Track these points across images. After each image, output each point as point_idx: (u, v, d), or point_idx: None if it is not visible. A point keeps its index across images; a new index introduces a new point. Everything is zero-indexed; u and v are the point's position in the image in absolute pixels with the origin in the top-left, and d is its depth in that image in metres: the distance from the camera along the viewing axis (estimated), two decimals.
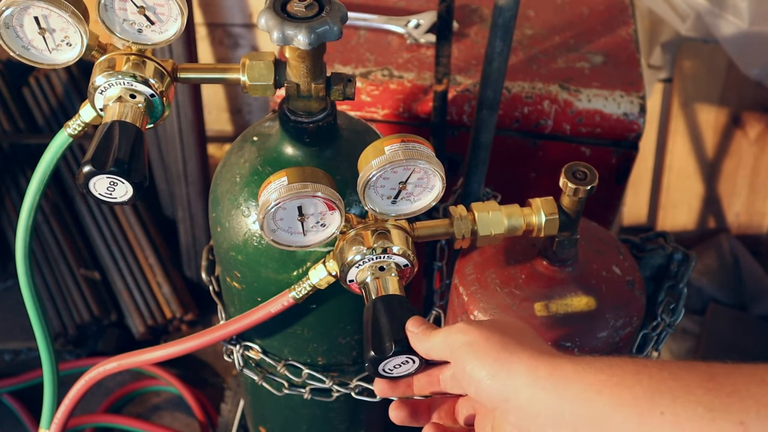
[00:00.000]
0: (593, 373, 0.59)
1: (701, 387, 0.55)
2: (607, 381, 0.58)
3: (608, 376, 0.58)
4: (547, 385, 0.60)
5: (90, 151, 0.74)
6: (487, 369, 0.62)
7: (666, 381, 0.56)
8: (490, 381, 0.62)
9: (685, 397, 0.55)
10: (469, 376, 0.64)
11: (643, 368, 0.58)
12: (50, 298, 1.82)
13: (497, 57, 0.98)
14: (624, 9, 1.39)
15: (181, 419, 1.74)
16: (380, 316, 0.74)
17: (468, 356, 0.64)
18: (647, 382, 0.57)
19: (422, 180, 0.77)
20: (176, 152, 1.75)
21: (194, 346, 0.96)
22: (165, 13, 0.78)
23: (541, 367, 0.61)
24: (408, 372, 0.74)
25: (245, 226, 0.90)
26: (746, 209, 1.96)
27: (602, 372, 0.59)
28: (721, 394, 0.54)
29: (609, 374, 0.58)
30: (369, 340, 0.73)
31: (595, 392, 0.58)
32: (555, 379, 0.60)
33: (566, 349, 0.89)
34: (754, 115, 1.88)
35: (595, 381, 0.58)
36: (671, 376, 0.56)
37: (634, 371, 0.58)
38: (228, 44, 1.99)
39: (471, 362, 0.63)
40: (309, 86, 0.82)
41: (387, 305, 0.75)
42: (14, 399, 1.71)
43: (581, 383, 0.59)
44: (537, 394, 0.60)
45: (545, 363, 0.61)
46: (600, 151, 1.24)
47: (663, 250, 1.04)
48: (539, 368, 0.61)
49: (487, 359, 0.63)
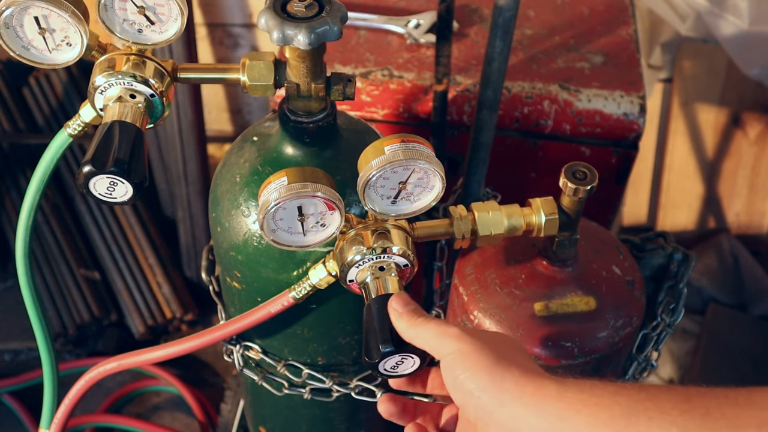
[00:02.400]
0: (574, 393, 0.60)
1: (677, 408, 0.56)
2: (587, 401, 0.59)
3: (588, 396, 0.59)
4: (531, 402, 0.61)
5: (90, 151, 0.74)
6: (477, 382, 0.63)
7: (643, 402, 0.58)
8: (480, 394, 0.63)
9: (661, 418, 0.56)
10: (460, 385, 0.64)
11: (621, 389, 0.59)
12: (50, 298, 1.82)
13: (497, 57, 0.98)
14: (624, 9, 1.39)
15: (181, 419, 1.74)
16: (372, 318, 0.74)
17: (460, 366, 0.65)
18: (625, 402, 0.58)
19: (422, 180, 0.77)
20: (176, 152, 1.75)
21: (194, 346, 0.96)
22: (165, 13, 0.78)
23: (528, 384, 0.62)
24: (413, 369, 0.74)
25: (245, 226, 0.90)
26: (746, 209, 1.96)
27: (582, 392, 0.60)
28: (695, 415, 0.56)
29: (589, 394, 0.60)
30: (370, 340, 0.73)
31: (574, 412, 0.59)
32: (538, 397, 0.61)
33: (566, 349, 0.89)
34: (754, 115, 1.88)
35: (575, 400, 0.60)
36: (648, 398, 0.58)
37: (613, 392, 0.59)
38: (228, 44, 1.99)
39: (463, 372, 0.64)
40: (309, 86, 0.82)
41: (379, 306, 0.75)
42: (14, 399, 1.71)
43: (562, 402, 0.60)
44: (520, 411, 0.61)
45: (532, 382, 0.62)
46: (600, 151, 1.24)
47: (663, 250, 1.04)
48: (527, 386, 0.62)
49: (478, 372, 0.63)
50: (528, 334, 0.90)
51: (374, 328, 0.73)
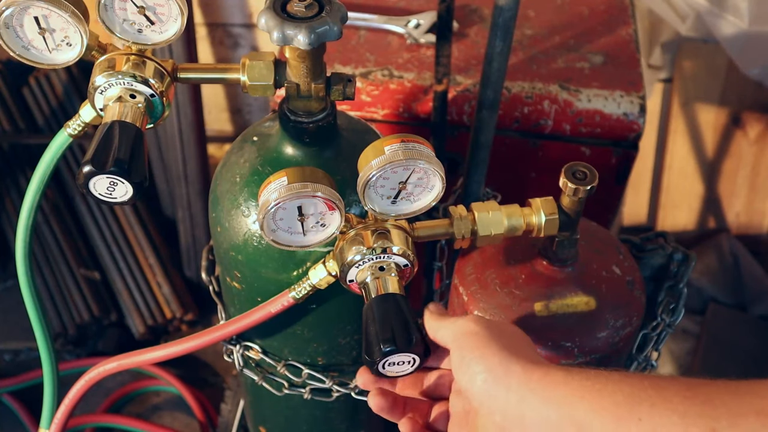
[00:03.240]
0: (579, 380, 0.61)
1: (678, 395, 0.57)
2: (591, 387, 0.60)
3: (593, 383, 0.61)
4: (537, 388, 0.62)
5: (90, 151, 0.74)
6: (485, 364, 0.64)
7: (646, 390, 0.59)
8: (485, 375, 0.64)
9: (663, 405, 0.57)
10: (467, 366, 0.65)
11: (626, 378, 0.61)
12: (50, 298, 1.82)
13: (497, 57, 0.98)
14: (624, 9, 1.39)
15: (181, 419, 1.74)
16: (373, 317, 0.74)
17: (470, 346, 0.66)
18: (628, 390, 0.59)
19: (422, 180, 0.77)
20: (176, 152, 1.75)
21: (194, 346, 0.96)
22: (165, 13, 0.78)
23: (535, 371, 0.63)
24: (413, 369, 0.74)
25: (245, 226, 0.90)
26: (746, 209, 1.96)
27: (587, 379, 0.61)
28: (696, 402, 0.56)
29: (594, 381, 0.61)
30: (371, 338, 0.73)
31: (578, 398, 0.60)
32: (545, 383, 0.62)
33: (566, 349, 0.89)
34: (754, 115, 1.88)
35: (580, 387, 0.61)
36: (651, 386, 0.59)
37: (618, 380, 0.60)
38: (228, 44, 1.99)
39: (472, 352, 0.66)
40: (309, 86, 0.82)
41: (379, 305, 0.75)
42: (14, 399, 1.71)
43: (566, 388, 0.61)
44: (526, 397, 0.62)
45: (539, 369, 0.63)
46: (600, 151, 1.24)
47: (663, 250, 1.04)
48: (533, 372, 0.63)
49: (487, 354, 0.65)
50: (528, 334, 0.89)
51: (374, 327, 0.74)
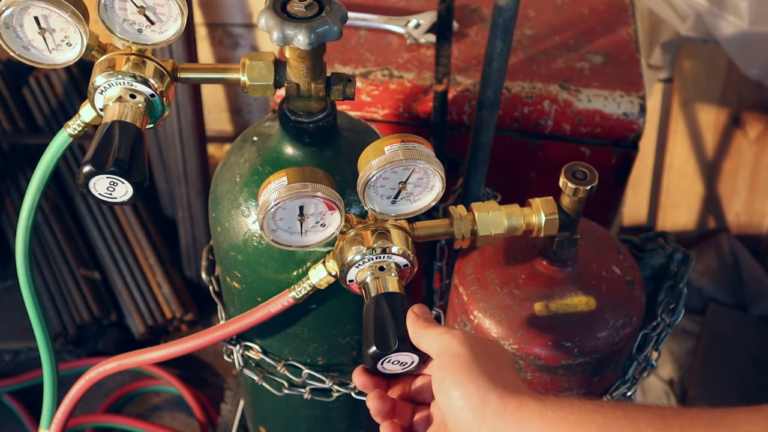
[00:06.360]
0: (553, 410, 0.62)
1: (651, 426, 0.58)
2: (565, 419, 0.61)
3: (567, 414, 0.61)
4: (511, 420, 0.63)
5: (90, 151, 0.74)
6: (462, 390, 0.65)
7: (619, 420, 0.60)
8: (462, 402, 0.65)
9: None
10: (446, 388, 0.66)
11: (599, 408, 0.61)
12: (50, 298, 1.82)
13: (497, 57, 0.98)
14: (624, 9, 1.39)
15: (181, 419, 1.74)
16: (384, 312, 0.74)
17: (451, 368, 0.67)
18: (602, 420, 0.60)
19: (422, 180, 0.77)
20: (176, 152, 1.75)
21: (194, 346, 0.96)
22: (165, 13, 0.78)
23: (510, 401, 0.64)
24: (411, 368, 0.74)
25: (245, 226, 0.90)
26: (746, 209, 1.96)
27: (561, 409, 0.62)
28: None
29: (568, 412, 0.61)
30: (372, 335, 0.73)
31: (552, 429, 0.61)
32: (519, 415, 0.63)
33: (566, 349, 0.89)
34: (754, 115, 1.88)
35: (554, 418, 0.61)
36: (625, 416, 0.60)
37: (592, 410, 0.61)
38: (228, 44, 1.99)
39: (452, 375, 0.66)
40: (309, 86, 0.82)
41: (391, 302, 0.75)
42: (14, 399, 1.71)
43: (541, 420, 0.62)
44: (499, 429, 0.63)
45: (514, 399, 0.64)
46: (600, 151, 1.24)
47: (663, 250, 1.04)
48: (509, 403, 0.64)
49: (466, 381, 0.65)
50: (528, 334, 0.90)
51: (374, 326, 0.73)
